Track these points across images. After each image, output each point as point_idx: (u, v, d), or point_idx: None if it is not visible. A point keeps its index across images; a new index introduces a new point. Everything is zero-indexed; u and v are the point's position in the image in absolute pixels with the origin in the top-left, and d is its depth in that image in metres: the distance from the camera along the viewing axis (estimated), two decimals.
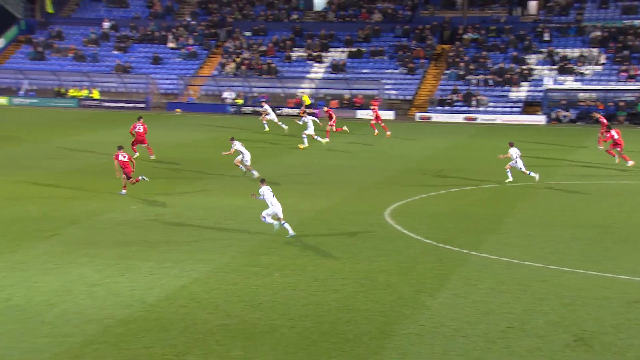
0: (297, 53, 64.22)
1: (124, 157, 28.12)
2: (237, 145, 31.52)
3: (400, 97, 59.86)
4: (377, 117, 44.69)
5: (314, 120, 41.23)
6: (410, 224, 24.45)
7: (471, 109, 57.01)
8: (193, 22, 67.84)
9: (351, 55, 63.15)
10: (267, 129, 45.71)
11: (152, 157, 35.45)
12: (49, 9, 71.14)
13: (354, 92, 59.45)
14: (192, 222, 24.07)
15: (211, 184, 30.41)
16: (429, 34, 63.77)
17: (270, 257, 20.62)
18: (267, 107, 46.95)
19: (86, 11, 72.07)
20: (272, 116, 46.18)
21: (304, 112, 44.44)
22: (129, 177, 27.98)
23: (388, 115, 57.02)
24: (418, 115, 56.99)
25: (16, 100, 60.44)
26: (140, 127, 35.48)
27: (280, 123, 45.68)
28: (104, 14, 70.77)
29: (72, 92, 61.45)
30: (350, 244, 22.01)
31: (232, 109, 57.71)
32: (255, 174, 30.99)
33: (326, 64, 62.85)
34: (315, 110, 46.07)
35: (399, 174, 33.35)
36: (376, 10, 67.47)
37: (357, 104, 58.43)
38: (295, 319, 16.28)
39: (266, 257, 20.61)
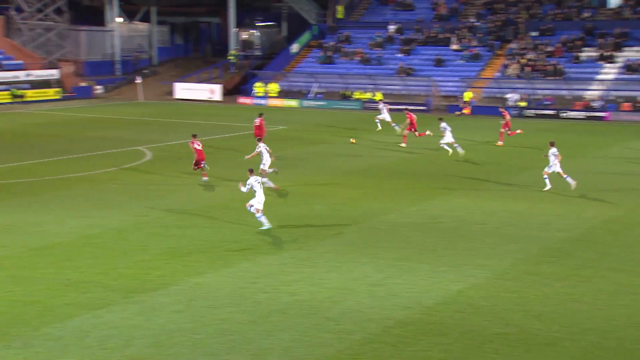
0: (587, 53, 61.60)
1: (199, 145, 30.74)
2: (262, 147, 29.56)
3: None
4: (507, 124, 41.41)
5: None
6: None
7: None
8: (477, 24, 67.56)
9: None
10: (379, 127, 46.75)
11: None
12: (340, 14, 74.38)
13: None
14: (471, 227, 24.01)
15: (491, 187, 30.13)
16: None
17: (552, 266, 20.04)
18: (383, 106, 47.50)
19: (373, 15, 74.43)
20: (386, 116, 46.70)
21: (463, 107, 42.60)
22: (197, 165, 30.49)
23: None
24: None
25: (305, 103, 63.91)
26: (257, 121, 37.46)
27: (394, 125, 45.61)
28: (389, 17, 72.64)
29: (356, 95, 63.78)
30: None
31: (514, 112, 56.69)
32: (270, 184, 28.45)
33: (619, 65, 59.68)
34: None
35: None
36: None
37: None
38: (578, 332, 15.71)
39: (547, 266, 20.06)
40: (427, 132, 40.35)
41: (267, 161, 29.61)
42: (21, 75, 63.28)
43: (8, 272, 19.11)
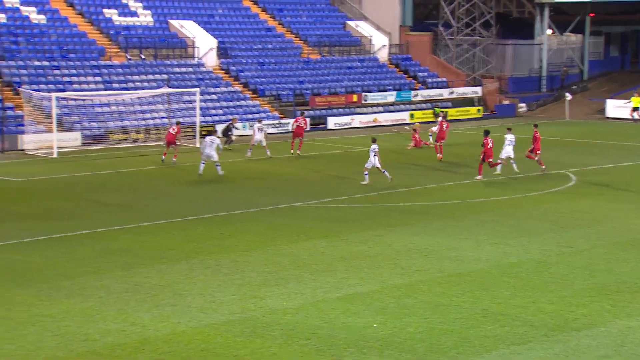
0: None
1: (173, 130, 41.19)
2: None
3: None
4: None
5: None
6: None
7: None
8: None
9: None
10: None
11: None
12: None
13: None
14: None
15: None
16: None
17: None
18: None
19: None
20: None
21: None
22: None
23: None
24: None
25: None
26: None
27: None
28: None
29: None
30: None
31: None
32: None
33: None
34: None
35: None
36: None
37: None
38: None
39: None
40: None
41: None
42: (444, 93, 66.30)
43: (425, 297, 20.06)
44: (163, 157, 41.73)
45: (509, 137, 37.89)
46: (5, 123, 45.89)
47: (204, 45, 59.82)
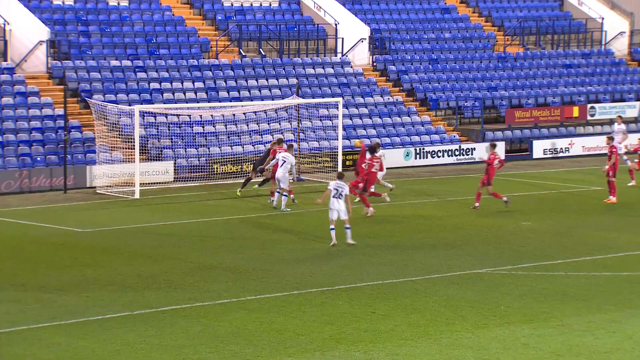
0: None
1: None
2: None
3: None
4: None
5: None
6: None
7: None
8: None
9: None
10: None
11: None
12: None
13: None
14: None
15: None
16: None
17: None
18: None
19: None
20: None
21: None
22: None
23: None
24: None
25: None
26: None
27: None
28: None
29: None
30: None
31: None
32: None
33: None
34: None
35: None
36: None
37: None
38: None
39: None
40: None
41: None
42: None
43: None
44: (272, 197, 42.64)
45: None
46: (70, 149, 47.19)
47: (351, 34, 60.53)
